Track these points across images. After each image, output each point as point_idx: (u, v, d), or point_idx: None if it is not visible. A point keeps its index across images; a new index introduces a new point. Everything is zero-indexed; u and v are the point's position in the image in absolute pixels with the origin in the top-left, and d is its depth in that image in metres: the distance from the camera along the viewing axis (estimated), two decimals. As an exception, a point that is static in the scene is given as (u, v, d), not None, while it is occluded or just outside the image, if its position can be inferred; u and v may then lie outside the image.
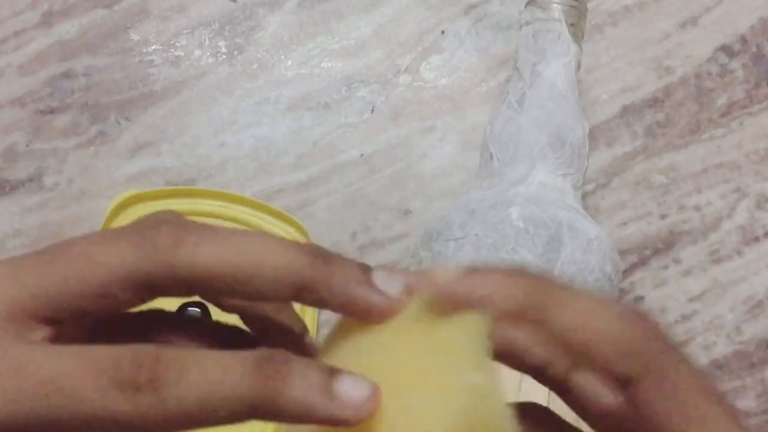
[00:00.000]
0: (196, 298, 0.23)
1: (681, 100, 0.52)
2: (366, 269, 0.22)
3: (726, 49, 0.53)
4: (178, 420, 0.20)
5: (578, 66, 0.45)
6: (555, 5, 0.44)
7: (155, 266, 0.21)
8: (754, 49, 0.53)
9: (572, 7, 0.44)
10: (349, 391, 0.20)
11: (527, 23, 0.45)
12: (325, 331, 0.28)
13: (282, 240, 0.22)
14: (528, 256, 0.38)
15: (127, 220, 0.50)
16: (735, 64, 0.53)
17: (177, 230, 0.21)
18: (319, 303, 0.22)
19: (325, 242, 0.49)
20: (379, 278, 0.22)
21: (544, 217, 0.39)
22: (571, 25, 0.44)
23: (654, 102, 0.52)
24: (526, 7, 0.46)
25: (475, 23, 0.54)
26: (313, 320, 0.47)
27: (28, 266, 0.22)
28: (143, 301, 0.22)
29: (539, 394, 0.36)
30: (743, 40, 0.53)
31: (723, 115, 0.52)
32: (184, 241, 0.21)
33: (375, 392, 0.20)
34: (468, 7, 0.54)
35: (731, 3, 0.54)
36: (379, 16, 0.54)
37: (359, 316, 0.22)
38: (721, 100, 0.52)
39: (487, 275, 0.22)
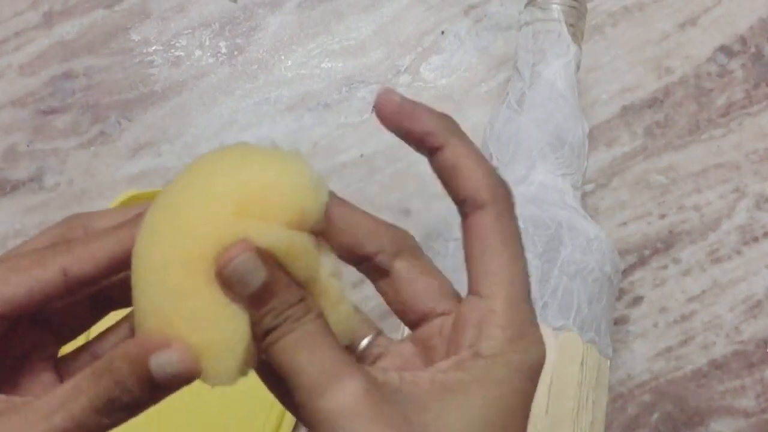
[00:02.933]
0: None
1: (680, 101, 0.52)
2: None
3: (725, 50, 0.53)
4: None
5: (578, 66, 0.45)
6: (555, 6, 0.44)
7: None
8: (753, 49, 0.53)
9: (572, 7, 0.45)
10: None
11: (527, 23, 0.45)
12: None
13: None
14: (528, 256, 0.38)
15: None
16: (734, 65, 0.53)
17: None
18: None
19: (325, 242, 0.49)
20: None
21: (544, 217, 0.39)
22: (571, 25, 0.44)
23: (653, 102, 0.52)
24: (525, 7, 0.46)
25: (475, 23, 0.54)
26: None
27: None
28: None
29: (540, 395, 0.36)
30: (742, 40, 0.53)
31: (722, 116, 0.52)
32: None
33: None
34: (468, 8, 0.54)
35: (730, 3, 0.54)
36: (379, 17, 0.55)
37: None
38: (721, 101, 0.52)
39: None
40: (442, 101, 0.53)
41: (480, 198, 0.26)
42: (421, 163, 0.55)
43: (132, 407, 0.25)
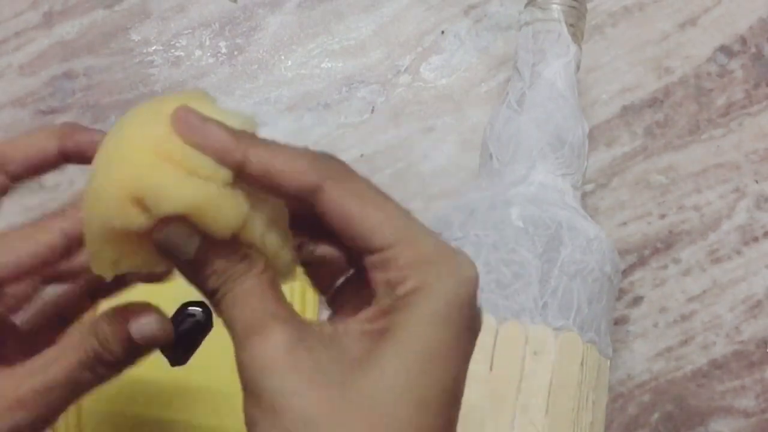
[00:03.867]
0: (198, 298, 0.27)
1: (680, 101, 0.52)
2: None
3: (725, 50, 0.53)
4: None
5: (578, 66, 0.45)
6: (555, 6, 0.44)
7: None
8: (753, 49, 0.53)
9: (572, 7, 0.45)
10: None
11: (527, 24, 0.45)
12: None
13: None
14: (528, 255, 0.38)
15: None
16: (734, 65, 0.53)
17: None
18: None
19: (325, 242, 0.49)
20: None
21: (544, 217, 0.39)
22: (571, 25, 0.44)
23: (653, 102, 0.52)
24: (525, 7, 0.46)
25: (475, 23, 0.54)
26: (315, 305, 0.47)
27: None
28: None
29: (540, 395, 0.36)
30: (742, 40, 0.53)
31: (722, 116, 0.52)
32: None
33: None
34: (468, 8, 0.54)
35: (730, 3, 0.54)
36: (379, 17, 0.55)
37: None
38: (721, 101, 0.52)
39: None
40: (442, 101, 0.53)
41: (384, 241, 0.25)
42: (421, 163, 0.55)
43: (115, 365, 0.28)
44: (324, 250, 0.28)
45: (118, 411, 0.46)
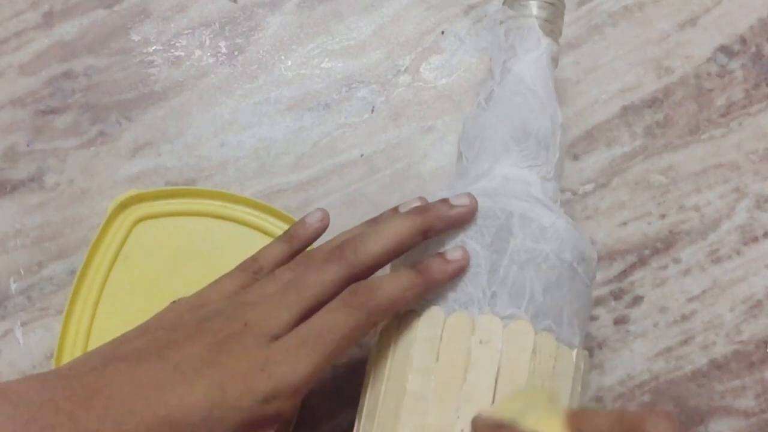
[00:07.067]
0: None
1: (680, 101, 0.52)
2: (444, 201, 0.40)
3: (725, 50, 0.53)
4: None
5: (555, 61, 0.45)
6: (530, 2, 0.45)
7: None
8: (753, 49, 0.53)
9: (549, 3, 0.45)
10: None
11: (501, 22, 0.46)
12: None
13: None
14: (476, 246, 0.38)
15: (127, 220, 0.50)
16: (734, 65, 0.53)
17: None
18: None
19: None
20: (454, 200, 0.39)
21: (495, 208, 0.39)
22: (546, 21, 0.45)
23: (653, 102, 0.52)
24: (502, 6, 0.46)
25: (475, 23, 0.54)
26: None
27: None
28: None
29: (486, 384, 0.36)
30: (742, 40, 0.53)
31: (722, 116, 0.52)
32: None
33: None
34: (468, 8, 0.54)
35: (730, 3, 0.54)
36: (379, 17, 0.55)
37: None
38: (721, 101, 0.52)
39: None
40: (442, 101, 0.53)
41: None
42: (421, 163, 0.55)
43: None
44: None
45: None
